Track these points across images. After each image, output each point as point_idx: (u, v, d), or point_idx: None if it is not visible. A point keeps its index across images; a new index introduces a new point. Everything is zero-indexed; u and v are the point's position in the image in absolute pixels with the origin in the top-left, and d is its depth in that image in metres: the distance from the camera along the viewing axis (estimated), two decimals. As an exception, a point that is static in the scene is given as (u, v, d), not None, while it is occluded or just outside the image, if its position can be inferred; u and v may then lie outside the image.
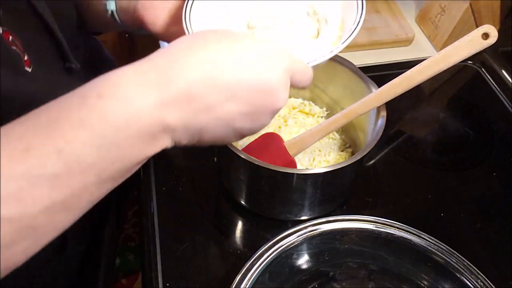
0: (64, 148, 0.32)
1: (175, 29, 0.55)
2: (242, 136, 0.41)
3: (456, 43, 0.54)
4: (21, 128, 0.33)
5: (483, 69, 0.81)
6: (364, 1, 0.51)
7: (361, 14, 0.50)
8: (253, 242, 0.58)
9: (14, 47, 0.47)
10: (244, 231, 0.62)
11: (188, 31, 0.49)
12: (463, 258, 0.53)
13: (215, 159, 0.67)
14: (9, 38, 0.46)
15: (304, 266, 0.56)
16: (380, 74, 0.75)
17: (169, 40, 0.56)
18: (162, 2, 0.55)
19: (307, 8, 0.57)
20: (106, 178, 0.35)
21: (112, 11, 0.55)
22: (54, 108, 0.34)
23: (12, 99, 0.45)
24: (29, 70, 0.48)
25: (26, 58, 0.48)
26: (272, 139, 0.59)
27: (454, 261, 0.53)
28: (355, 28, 0.48)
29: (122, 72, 0.35)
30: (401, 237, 0.55)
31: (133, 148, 0.35)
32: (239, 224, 0.62)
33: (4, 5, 0.46)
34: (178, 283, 0.56)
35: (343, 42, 0.48)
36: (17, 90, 0.46)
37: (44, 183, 0.31)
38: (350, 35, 0.48)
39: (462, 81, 0.82)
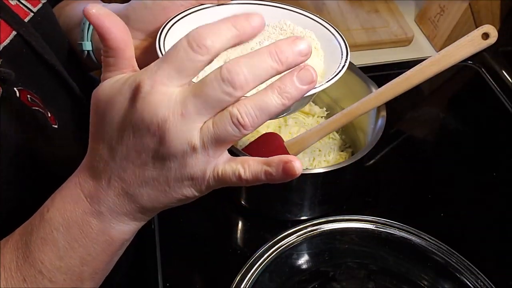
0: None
1: None
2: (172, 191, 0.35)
3: (456, 43, 0.54)
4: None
5: (483, 69, 0.81)
6: (347, 46, 0.44)
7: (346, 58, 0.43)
8: (253, 242, 0.58)
9: (36, 108, 0.46)
10: (244, 231, 0.62)
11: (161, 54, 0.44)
12: (463, 258, 0.53)
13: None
14: (27, 98, 0.45)
15: (304, 266, 0.56)
16: (380, 74, 0.75)
17: None
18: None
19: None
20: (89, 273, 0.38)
21: (88, 52, 0.53)
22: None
23: (49, 162, 0.46)
24: (56, 126, 0.48)
25: (49, 115, 0.48)
26: (272, 138, 0.59)
27: (454, 261, 0.53)
28: (342, 68, 0.43)
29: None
30: (401, 237, 0.55)
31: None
32: (239, 224, 0.62)
33: (13, 63, 0.45)
34: (178, 283, 0.56)
35: (328, 81, 0.42)
36: (51, 150, 0.47)
37: None
38: (337, 73, 0.42)
39: (462, 81, 0.82)
